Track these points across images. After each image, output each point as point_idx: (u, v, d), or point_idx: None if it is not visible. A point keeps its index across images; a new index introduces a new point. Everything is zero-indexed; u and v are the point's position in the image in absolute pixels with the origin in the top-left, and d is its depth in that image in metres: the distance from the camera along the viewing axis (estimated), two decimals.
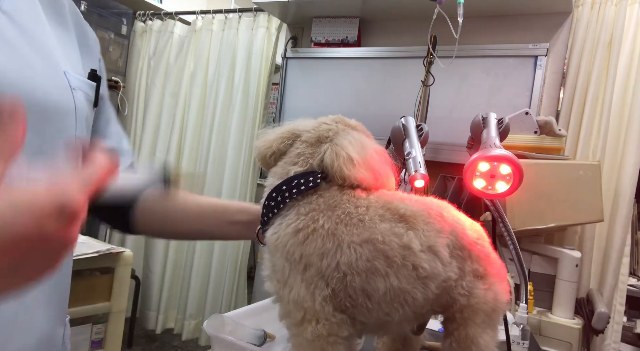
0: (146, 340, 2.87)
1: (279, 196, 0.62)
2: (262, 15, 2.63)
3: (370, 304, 0.58)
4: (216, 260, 2.74)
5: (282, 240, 0.59)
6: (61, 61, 0.56)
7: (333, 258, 0.57)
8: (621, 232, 1.78)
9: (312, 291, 0.57)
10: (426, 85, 2.02)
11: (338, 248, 0.57)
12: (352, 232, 0.57)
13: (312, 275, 0.57)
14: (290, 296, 0.58)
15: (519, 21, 1.97)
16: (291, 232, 0.58)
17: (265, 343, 0.91)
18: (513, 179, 0.87)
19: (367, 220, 0.58)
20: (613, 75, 1.81)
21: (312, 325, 0.56)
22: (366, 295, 0.57)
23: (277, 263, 0.59)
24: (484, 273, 0.65)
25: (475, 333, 0.63)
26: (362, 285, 0.57)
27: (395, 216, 0.60)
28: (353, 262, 0.56)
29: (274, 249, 0.60)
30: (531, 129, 1.62)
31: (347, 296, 0.57)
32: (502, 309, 0.67)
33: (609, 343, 1.77)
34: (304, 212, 0.59)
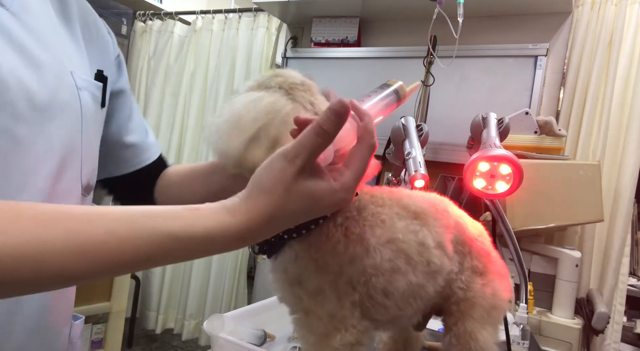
0: (146, 340, 2.87)
1: None
2: (262, 15, 2.63)
3: (388, 302, 0.58)
4: (216, 260, 2.74)
5: (312, 253, 0.55)
6: (68, 61, 0.56)
7: (361, 262, 0.55)
8: (621, 232, 1.78)
9: (342, 299, 0.55)
10: (426, 85, 2.02)
11: (366, 251, 0.56)
12: (376, 234, 0.57)
13: (343, 283, 0.55)
14: (324, 309, 0.55)
15: (519, 21, 1.97)
16: (326, 242, 0.55)
17: (265, 343, 0.91)
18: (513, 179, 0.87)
19: (387, 219, 0.58)
20: (613, 75, 1.81)
21: (341, 333, 0.54)
22: (386, 293, 0.57)
23: (308, 278, 0.55)
24: (483, 270, 0.66)
25: (474, 328, 0.63)
26: (384, 284, 0.57)
27: (408, 213, 0.60)
28: (378, 263, 0.56)
29: (302, 264, 0.55)
30: (531, 129, 1.62)
31: (369, 297, 0.57)
32: (503, 307, 0.67)
33: (609, 343, 1.77)
34: (340, 222, 0.56)
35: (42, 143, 0.50)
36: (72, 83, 0.55)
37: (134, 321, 2.69)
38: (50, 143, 0.51)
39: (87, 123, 0.57)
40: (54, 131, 0.52)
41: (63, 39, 0.57)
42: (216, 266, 2.74)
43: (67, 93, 0.54)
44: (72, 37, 0.59)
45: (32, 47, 0.50)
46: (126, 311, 1.93)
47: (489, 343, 0.64)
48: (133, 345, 2.72)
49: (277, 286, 0.58)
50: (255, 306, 1.01)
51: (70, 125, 0.54)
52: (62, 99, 0.53)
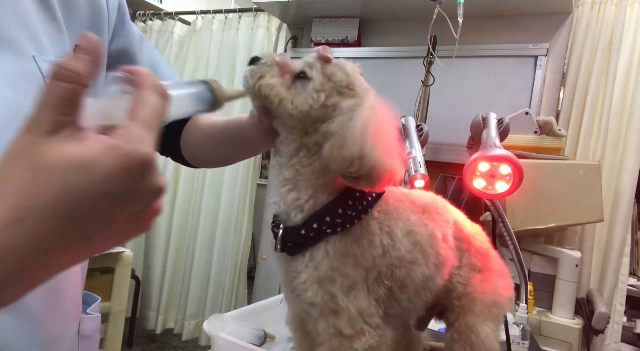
0: (146, 340, 2.87)
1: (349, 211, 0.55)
2: (262, 15, 2.63)
3: (402, 295, 0.60)
4: (216, 260, 2.74)
5: (353, 248, 0.55)
6: (30, 44, 0.48)
7: (389, 254, 0.57)
8: (621, 232, 1.78)
9: (370, 294, 0.56)
10: (426, 85, 2.02)
11: (394, 243, 0.57)
12: (399, 226, 0.59)
13: (373, 278, 0.56)
14: (355, 307, 0.54)
15: (519, 21, 1.97)
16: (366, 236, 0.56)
17: (265, 343, 0.91)
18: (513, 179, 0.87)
19: (403, 213, 0.60)
20: (613, 75, 1.81)
21: (365, 336, 0.54)
22: (403, 286, 0.59)
23: (344, 274, 0.55)
24: (482, 267, 0.68)
25: (475, 323, 0.64)
26: (404, 276, 0.59)
27: (417, 207, 0.63)
28: (402, 255, 0.58)
29: (340, 259, 0.55)
30: (531, 129, 1.62)
31: (389, 290, 0.58)
32: (503, 305, 0.68)
33: (609, 343, 1.77)
34: (376, 216, 0.57)
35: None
36: (33, 71, 0.47)
37: (134, 321, 2.69)
38: None
39: None
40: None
41: (27, 15, 0.48)
42: (216, 266, 2.74)
43: (25, 87, 0.45)
44: (41, 9, 0.51)
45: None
46: (126, 311, 1.92)
47: (490, 338, 0.65)
48: (133, 345, 2.72)
49: (304, 287, 0.56)
50: (255, 306, 1.02)
51: None
52: (17, 98, 0.45)
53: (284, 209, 0.58)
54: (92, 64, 0.29)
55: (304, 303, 0.57)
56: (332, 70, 0.54)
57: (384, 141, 0.52)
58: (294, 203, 0.56)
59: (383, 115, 0.53)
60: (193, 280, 2.78)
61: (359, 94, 0.54)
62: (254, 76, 0.53)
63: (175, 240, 2.84)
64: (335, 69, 0.54)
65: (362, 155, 0.49)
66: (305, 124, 0.54)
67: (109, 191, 0.28)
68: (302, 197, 0.56)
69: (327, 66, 0.54)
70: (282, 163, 0.57)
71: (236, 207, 2.73)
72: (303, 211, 0.56)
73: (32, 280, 0.29)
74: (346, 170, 0.50)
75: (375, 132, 0.51)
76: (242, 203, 2.75)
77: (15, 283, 0.27)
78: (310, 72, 0.54)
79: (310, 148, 0.55)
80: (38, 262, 0.27)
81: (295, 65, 0.55)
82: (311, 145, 0.55)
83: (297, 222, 0.56)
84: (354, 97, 0.53)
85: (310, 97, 0.53)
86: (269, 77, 0.53)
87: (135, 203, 0.30)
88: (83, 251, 0.30)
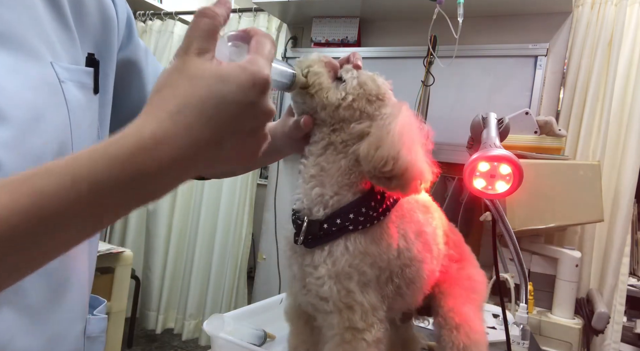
0: (146, 340, 2.87)
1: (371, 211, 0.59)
2: (262, 15, 2.63)
3: (408, 290, 0.63)
4: (216, 260, 2.74)
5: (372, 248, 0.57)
6: (48, 50, 0.50)
7: (404, 255, 0.60)
8: (621, 232, 1.78)
9: (380, 291, 0.59)
10: (426, 85, 2.02)
11: (408, 245, 0.61)
12: (412, 228, 0.62)
13: (385, 276, 0.59)
14: (368, 301, 0.57)
15: (519, 21, 1.96)
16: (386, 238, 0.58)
17: (265, 343, 0.91)
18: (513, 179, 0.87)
19: (414, 214, 0.64)
20: (613, 75, 1.81)
21: (374, 328, 0.57)
22: (411, 283, 0.62)
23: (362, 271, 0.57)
24: (458, 258, 0.73)
25: (456, 305, 0.68)
26: (414, 274, 0.62)
27: (422, 206, 0.67)
28: (414, 255, 0.61)
29: (359, 257, 0.57)
30: (531, 129, 1.62)
31: (397, 287, 0.61)
32: (481, 290, 0.73)
33: (609, 343, 1.77)
34: (394, 219, 0.60)
35: (29, 144, 0.46)
36: (52, 77, 0.49)
37: (134, 321, 2.69)
38: (37, 143, 0.46)
39: (76, 116, 0.52)
40: (41, 131, 0.47)
41: (43, 23, 0.51)
42: (216, 266, 2.74)
43: (45, 91, 0.48)
44: (55, 17, 0.52)
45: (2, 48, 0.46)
46: (126, 311, 1.93)
47: (472, 319, 0.68)
48: (133, 345, 2.72)
49: (320, 282, 0.58)
50: (255, 306, 1.02)
51: (57, 122, 0.49)
52: (44, 96, 0.48)
53: (307, 204, 0.60)
54: (226, 10, 0.40)
55: (315, 298, 0.59)
56: (365, 79, 0.60)
57: (417, 148, 0.57)
58: (318, 199, 0.59)
59: (416, 126, 0.59)
60: (193, 280, 2.78)
61: (388, 105, 0.60)
62: (301, 65, 0.59)
63: (175, 240, 2.84)
64: (368, 80, 0.60)
65: (397, 156, 0.53)
66: (334, 120, 0.59)
67: (240, 100, 0.37)
68: (326, 194, 0.59)
69: (361, 75, 0.60)
70: (309, 162, 0.61)
71: (236, 207, 2.73)
72: (327, 207, 0.59)
73: (180, 171, 0.36)
74: (380, 170, 0.54)
75: (411, 139, 0.56)
76: (242, 203, 2.75)
77: (170, 170, 0.35)
78: (346, 75, 0.60)
79: (337, 146, 0.59)
80: (188, 151, 0.35)
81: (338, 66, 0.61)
82: (338, 144, 0.59)
83: (320, 217, 0.59)
84: (382, 107, 0.59)
85: (340, 94, 0.58)
86: (317, 67, 0.59)
87: (255, 120, 0.38)
88: (215, 155, 0.37)
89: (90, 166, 0.32)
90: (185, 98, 0.36)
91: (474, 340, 0.65)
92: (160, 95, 0.36)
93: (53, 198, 0.31)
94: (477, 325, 0.68)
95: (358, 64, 0.61)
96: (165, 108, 0.35)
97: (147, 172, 0.34)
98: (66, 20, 0.54)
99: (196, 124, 0.35)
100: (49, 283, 0.52)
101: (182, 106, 0.35)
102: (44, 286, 0.51)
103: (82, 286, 0.59)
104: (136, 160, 0.33)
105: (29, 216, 0.30)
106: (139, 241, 2.95)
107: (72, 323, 0.57)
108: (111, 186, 0.32)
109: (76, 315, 0.58)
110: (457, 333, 0.66)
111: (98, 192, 0.32)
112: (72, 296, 0.56)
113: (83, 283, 0.59)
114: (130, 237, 2.94)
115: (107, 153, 0.33)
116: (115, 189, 0.33)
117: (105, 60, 0.59)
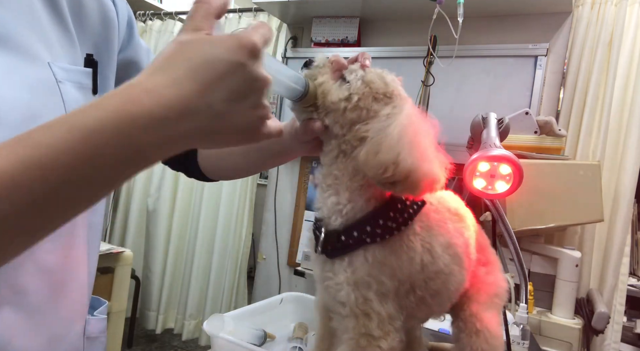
0: (146, 340, 2.87)
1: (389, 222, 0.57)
2: (262, 15, 2.63)
3: (434, 301, 0.62)
4: (216, 260, 2.74)
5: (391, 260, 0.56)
6: (45, 51, 0.50)
7: (427, 269, 0.59)
8: (621, 232, 1.78)
9: (399, 301, 0.58)
10: (426, 85, 2.02)
11: (433, 259, 0.59)
12: (439, 241, 0.60)
13: (405, 288, 0.58)
14: (386, 311, 0.56)
15: (519, 21, 1.96)
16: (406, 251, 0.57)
17: (265, 343, 0.91)
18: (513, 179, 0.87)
19: (444, 225, 0.62)
20: (613, 75, 1.81)
21: (390, 336, 0.57)
22: (436, 294, 0.61)
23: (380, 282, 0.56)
24: (486, 261, 0.71)
25: (479, 310, 0.67)
26: (440, 287, 0.61)
27: (453, 215, 0.65)
28: (440, 269, 0.60)
29: (378, 268, 0.56)
30: (531, 129, 1.62)
31: (421, 298, 0.60)
32: (503, 295, 0.72)
33: (609, 343, 1.77)
34: (418, 231, 0.58)
35: None
36: (49, 77, 0.49)
37: (134, 321, 2.69)
38: None
39: None
40: None
41: (41, 23, 0.51)
42: (216, 266, 2.74)
43: (41, 91, 0.48)
44: (54, 18, 0.53)
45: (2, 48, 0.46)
46: (126, 311, 1.93)
47: (494, 324, 0.68)
48: (133, 345, 2.72)
49: (338, 287, 0.57)
50: (255, 306, 1.02)
51: None
52: (41, 96, 0.48)
53: (326, 214, 0.60)
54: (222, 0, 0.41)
55: (332, 300, 0.59)
56: (372, 77, 0.57)
57: (421, 148, 0.53)
58: (334, 208, 0.58)
59: (421, 123, 0.56)
60: (193, 280, 2.78)
61: (396, 103, 0.57)
62: (309, 77, 0.57)
63: (175, 240, 2.84)
64: (375, 77, 0.57)
65: (397, 161, 0.51)
66: (342, 123, 0.56)
67: (227, 58, 0.38)
68: (341, 202, 0.58)
69: (368, 73, 0.57)
70: (324, 172, 0.60)
71: (236, 207, 2.73)
72: (342, 215, 0.58)
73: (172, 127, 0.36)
74: (381, 176, 0.52)
75: (412, 139, 0.53)
76: (242, 203, 2.75)
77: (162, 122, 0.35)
78: (349, 76, 0.57)
79: (346, 153, 0.57)
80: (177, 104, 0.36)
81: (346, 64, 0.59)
82: (347, 149, 0.57)
83: (337, 226, 0.58)
84: (390, 105, 0.56)
85: (343, 94, 0.56)
86: (320, 77, 0.57)
87: (248, 85, 0.39)
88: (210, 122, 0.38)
89: (84, 115, 0.34)
90: (173, 58, 0.38)
91: (492, 346, 0.66)
92: (152, 62, 0.39)
93: (49, 149, 0.32)
94: (497, 331, 0.68)
95: (365, 63, 0.59)
96: (155, 66, 0.37)
97: (139, 123, 0.34)
98: (65, 21, 0.54)
99: (184, 78, 0.36)
100: (48, 283, 0.52)
101: (171, 62, 0.37)
102: (44, 286, 0.51)
103: (82, 286, 0.59)
104: (126, 108, 0.34)
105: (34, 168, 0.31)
106: (139, 241, 2.95)
107: (72, 323, 0.57)
108: (106, 136, 0.33)
109: (76, 315, 0.58)
110: (477, 338, 0.66)
111: (93, 141, 0.33)
112: (72, 296, 0.56)
113: (83, 284, 0.59)
114: (130, 237, 2.95)
115: (101, 104, 0.35)
116: (110, 140, 0.34)
117: (105, 61, 0.59)
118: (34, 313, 0.51)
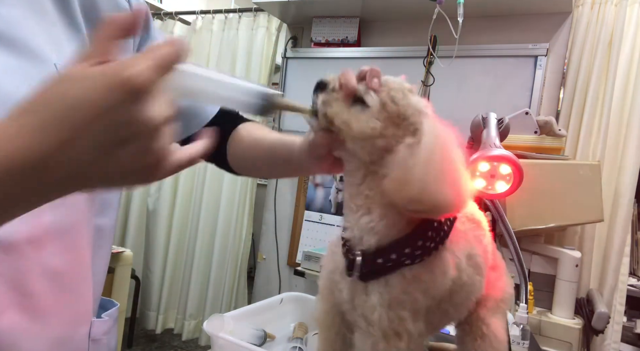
0: (146, 340, 2.87)
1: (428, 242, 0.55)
2: (262, 15, 2.63)
3: (455, 312, 0.62)
4: (216, 260, 2.74)
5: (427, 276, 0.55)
6: (53, 51, 0.50)
7: (454, 283, 0.58)
8: (621, 232, 1.78)
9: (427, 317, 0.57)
10: (426, 85, 2.02)
11: (460, 273, 0.59)
12: (464, 253, 0.60)
13: (436, 304, 0.58)
14: (416, 328, 0.55)
15: (519, 21, 1.96)
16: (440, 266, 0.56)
17: (265, 343, 0.91)
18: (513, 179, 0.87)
19: (465, 235, 0.61)
20: (613, 75, 1.81)
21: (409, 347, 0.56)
22: (458, 305, 0.62)
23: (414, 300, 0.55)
24: (494, 265, 0.71)
25: (486, 315, 0.67)
26: (463, 299, 0.61)
27: (471, 222, 0.64)
28: (464, 282, 0.60)
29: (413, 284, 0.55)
30: (531, 129, 1.62)
31: (444, 311, 0.60)
32: (509, 300, 0.72)
33: (609, 343, 1.77)
34: (448, 247, 0.57)
35: None
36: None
37: (134, 321, 2.69)
38: None
39: None
40: None
41: (51, 23, 0.51)
42: (216, 266, 2.74)
43: None
44: (65, 18, 0.53)
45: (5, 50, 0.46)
46: (126, 311, 1.93)
47: (499, 328, 0.68)
48: (133, 345, 2.72)
49: (371, 309, 0.55)
50: (255, 306, 1.02)
51: None
52: None
53: (358, 234, 0.57)
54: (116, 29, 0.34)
55: (360, 317, 0.57)
56: (384, 99, 0.54)
57: (447, 174, 0.51)
58: (367, 226, 0.56)
59: (444, 145, 0.52)
60: (193, 280, 2.78)
61: (413, 124, 0.53)
62: (325, 105, 0.54)
63: (175, 240, 2.84)
64: (386, 98, 0.54)
65: (422, 196, 0.49)
66: (371, 150, 0.54)
67: (97, 104, 0.30)
68: (374, 219, 0.55)
69: (380, 93, 0.54)
70: (352, 192, 0.57)
71: (236, 207, 2.73)
72: (375, 233, 0.55)
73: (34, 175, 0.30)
74: (408, 208, 0.51)
75: (437, 168, 0.50)
76: (242, 203, 2.75)
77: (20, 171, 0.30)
78: (368, 98, 0.53)
79: (377, 173, 0.55)
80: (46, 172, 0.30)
81: (356, 84, 0.55)
82: (376, 170, 0.55)
83: (371, 245, 0.56)
84: (408, 128, 0.53)
85: (368, 125, 0.52)
86: (335, 105, 0.54)
87: (130, 136, 0.31)
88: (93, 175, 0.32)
89: None
90: (47, 95, 0.31)
91: (497, 350, 0.66)
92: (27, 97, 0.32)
93: None
94: (502, 335, 0.67)
95: (373, 86, 0.54)
96: (27, 104, 0.32)
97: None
98: (76, 22, 0.54)
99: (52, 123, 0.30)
100: (53, 286, 0.52)
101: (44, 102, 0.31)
102: (49, 289, 0.51)
103: (87, 289, 0.59)
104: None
105: None
106: (139, 241, 2.94)
107: (77, 325, 0.57)
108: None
109: (82, 317, 0.58)
110: (482, 342, 0.66)
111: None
112: (77, 299, 0.56)
113: (88, 287, 0.59)
114: (130, 237, 2.95)
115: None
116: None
117: None
118: (39, 315, 0.51)
